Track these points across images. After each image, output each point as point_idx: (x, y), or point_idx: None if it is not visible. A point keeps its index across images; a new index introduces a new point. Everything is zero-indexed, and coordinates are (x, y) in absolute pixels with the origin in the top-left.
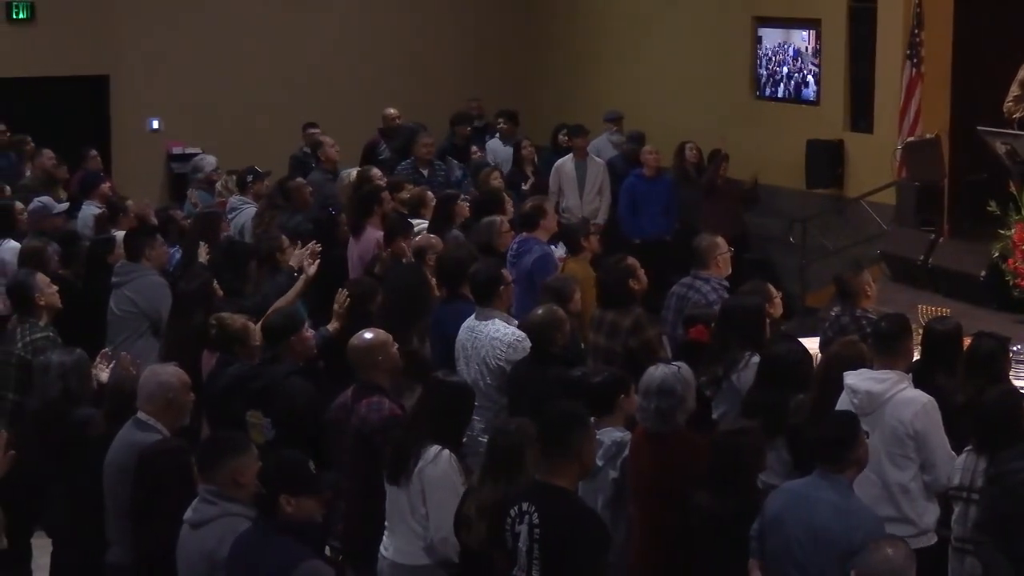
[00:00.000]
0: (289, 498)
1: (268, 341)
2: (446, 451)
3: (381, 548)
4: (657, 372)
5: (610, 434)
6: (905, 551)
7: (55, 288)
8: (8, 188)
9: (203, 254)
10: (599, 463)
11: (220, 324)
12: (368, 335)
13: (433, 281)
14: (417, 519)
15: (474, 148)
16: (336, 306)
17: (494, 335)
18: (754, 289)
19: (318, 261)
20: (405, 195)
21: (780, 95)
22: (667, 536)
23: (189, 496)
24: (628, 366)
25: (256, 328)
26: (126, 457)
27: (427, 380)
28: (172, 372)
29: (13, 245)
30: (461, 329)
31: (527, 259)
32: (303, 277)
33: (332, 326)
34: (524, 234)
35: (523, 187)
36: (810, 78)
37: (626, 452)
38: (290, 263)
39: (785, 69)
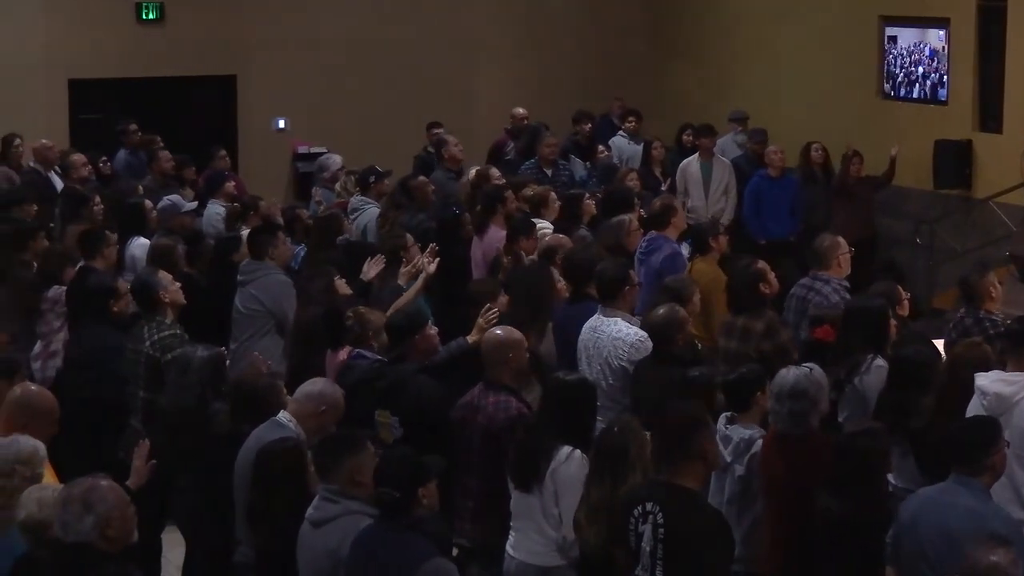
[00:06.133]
0: (424, 489)
1: (392, 340)
2: (577, 451)
3: (508, 548)
4: (789, 375)
5: (738, 431)
6: (1011, 556)
7: (178, 285)
8: (140, 187)
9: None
10: (727, 459)
11: (359, 318)
12: (500, 332)
13: (560, 282)
14: (549, 520)
15: (600, 148)
16: (481, 320)
17: (616, 335)
18: (883, 290)
19: (438, 260)
20: (528, 192)
21: (915, 95)
22: (796, 538)
23: (303, 494)
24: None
25: None
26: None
27: (547, 380)
28: (336, 389)
29: (143, 242)
30: (583, 329)
31: (656, 257)
32: (422, 276)
33: (472, 338)
34: (653, 232)
35: (662, 189)
36: (946, 78)
37: (753, 449)
38: (399, 281)
39: (920, 69)
